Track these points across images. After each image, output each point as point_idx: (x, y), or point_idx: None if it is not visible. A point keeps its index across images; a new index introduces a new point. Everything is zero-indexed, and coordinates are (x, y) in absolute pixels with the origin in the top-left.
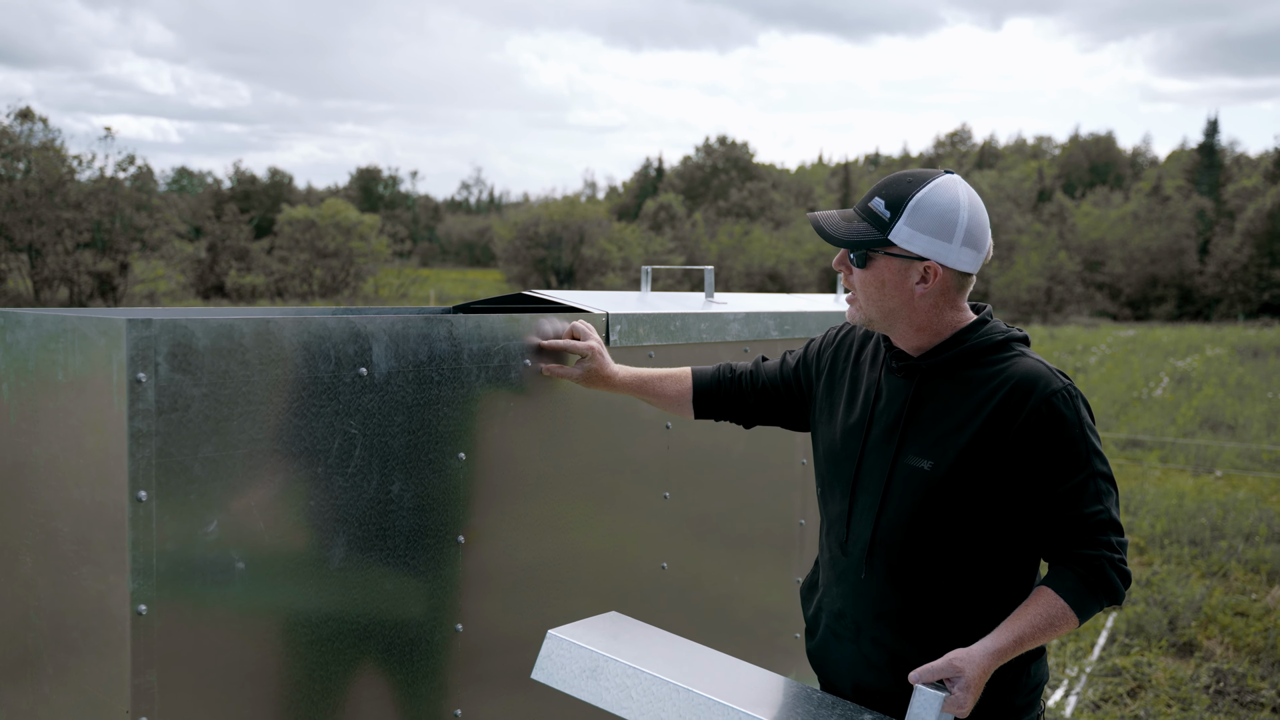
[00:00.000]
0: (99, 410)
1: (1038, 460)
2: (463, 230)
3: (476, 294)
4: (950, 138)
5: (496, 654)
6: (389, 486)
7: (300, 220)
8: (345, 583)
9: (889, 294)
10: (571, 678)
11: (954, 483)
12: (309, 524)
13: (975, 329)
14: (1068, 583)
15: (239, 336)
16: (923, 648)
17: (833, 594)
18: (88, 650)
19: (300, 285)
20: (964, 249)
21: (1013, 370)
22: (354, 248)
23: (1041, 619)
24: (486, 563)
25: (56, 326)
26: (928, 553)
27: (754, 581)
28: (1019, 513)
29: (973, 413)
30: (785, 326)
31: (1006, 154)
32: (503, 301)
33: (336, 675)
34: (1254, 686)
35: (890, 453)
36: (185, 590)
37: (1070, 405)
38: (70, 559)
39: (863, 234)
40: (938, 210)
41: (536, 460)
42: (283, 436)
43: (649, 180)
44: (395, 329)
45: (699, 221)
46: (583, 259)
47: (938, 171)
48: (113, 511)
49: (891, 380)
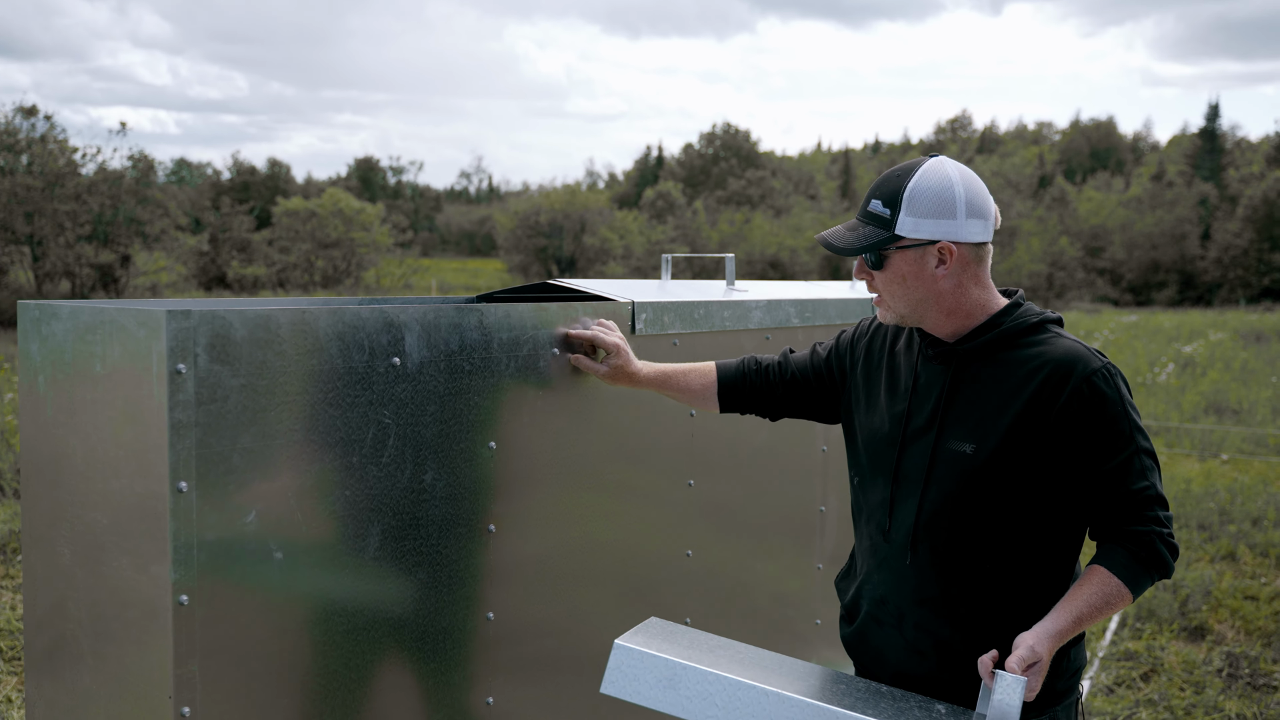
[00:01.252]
0: (138, 401)
1: (1081, 440)
2: (462, 220)
3: (478, 284)
4: (951, 124)
5: (526, 642)
6: (422, 476)
7: (301, 211)
8: (380, 572)
9: (912, 286)
10: (647, 689)
11: (997, 465)
12: (344, 514)
13: (1009, 312)
14: (1120, 559)
15: (275, 327)
16: (967, 632)
17: (874, 581)
18: (128, 641)
19: (302, 276)
20: (970, 220)
21: (1051, 351)
22: (355, 238)
23: (1098, 597)
24: (516, 551)
25: (94, 318)
26: (971, 537)
27: (775, 568)
28: (1064, 493)
29: (1013, 395)
30: (806, 314)
31: (1007, 140)
32: (527, 290)
33: (371, 664)
34: (1266, 670)
35: (931, 438)
36: (225, 580)
37: (1111, 383)
38: (109, 550)
39: (870, 237)
40: (933, 192)
41: (564, 449)
42: (318, 427)
43: (649, 169)
44: (427, 318)
45: (699, 210)
46: (584, 248)
47: (921, 159)
48: (153, 502)
49: (929, 368)
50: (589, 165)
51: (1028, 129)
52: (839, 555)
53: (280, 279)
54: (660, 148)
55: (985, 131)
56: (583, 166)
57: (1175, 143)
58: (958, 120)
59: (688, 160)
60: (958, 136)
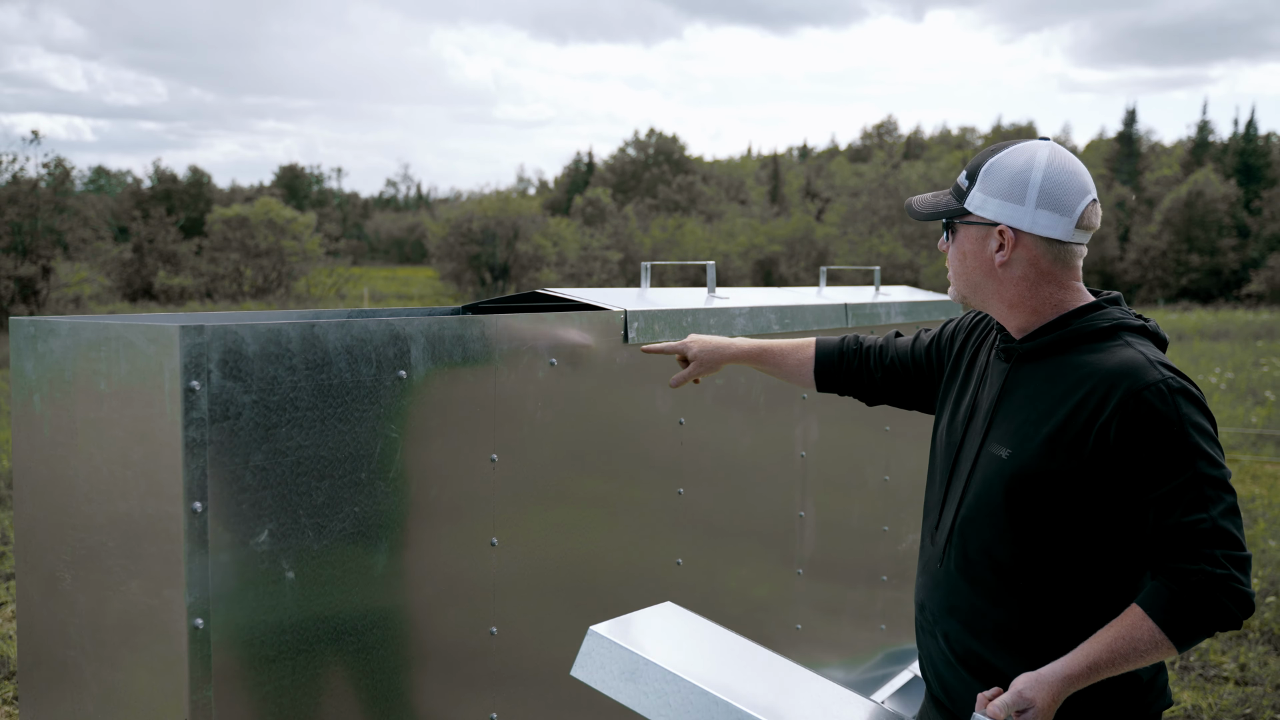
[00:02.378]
0: (148, 420)
1: (1128, 460)
2: (391, 227)
3: (410, 292)
4: (877, 129)
5: (528, 655)
6: (428, 490)
7: (232, 218)
8: (388, 589)
9: (970, 265)
10: (610, 679)
11: (1030, 474)
12: (354, 531)
13: (1084, 313)
14: (1160, 601)
15: (286, 341)
16: (992, 649)
17: (919, 583)
18: (138, 667)
19: (230, 286)
20: (1040, 210)
21: (1108, 360)
22: (286, 247)
23: (1123, 642)
24: (518, 564)
25: (98, 335)
26: (999, 548)
27: (758, 574)
28: (1107, 518)
29: (1057, 402)
30: (785, 320)
31: (932, 145)
32: (514, 300)
33: (380, 683)
34: (1216, 661)
35: (978, 440)
36: (239, 602)
37: (1167, 400)
38: (117, 574)
39: (943, 205)
40: (1009, 172)
41: (562, 459)
42: (328, 442)
43: (580, 175)
44: (432, 330)
45: (631, 215)
46: (518, 255)
47: (1031, 141)
48: (166, 523)
49: (996, 365)
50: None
51: (952, 134)
52: (817, 560)
53: (209, 289)
54: (590, 154)
55: (911, 137)
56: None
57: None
58: (884, 125)
59: (618, 166)
60: (884, 142)
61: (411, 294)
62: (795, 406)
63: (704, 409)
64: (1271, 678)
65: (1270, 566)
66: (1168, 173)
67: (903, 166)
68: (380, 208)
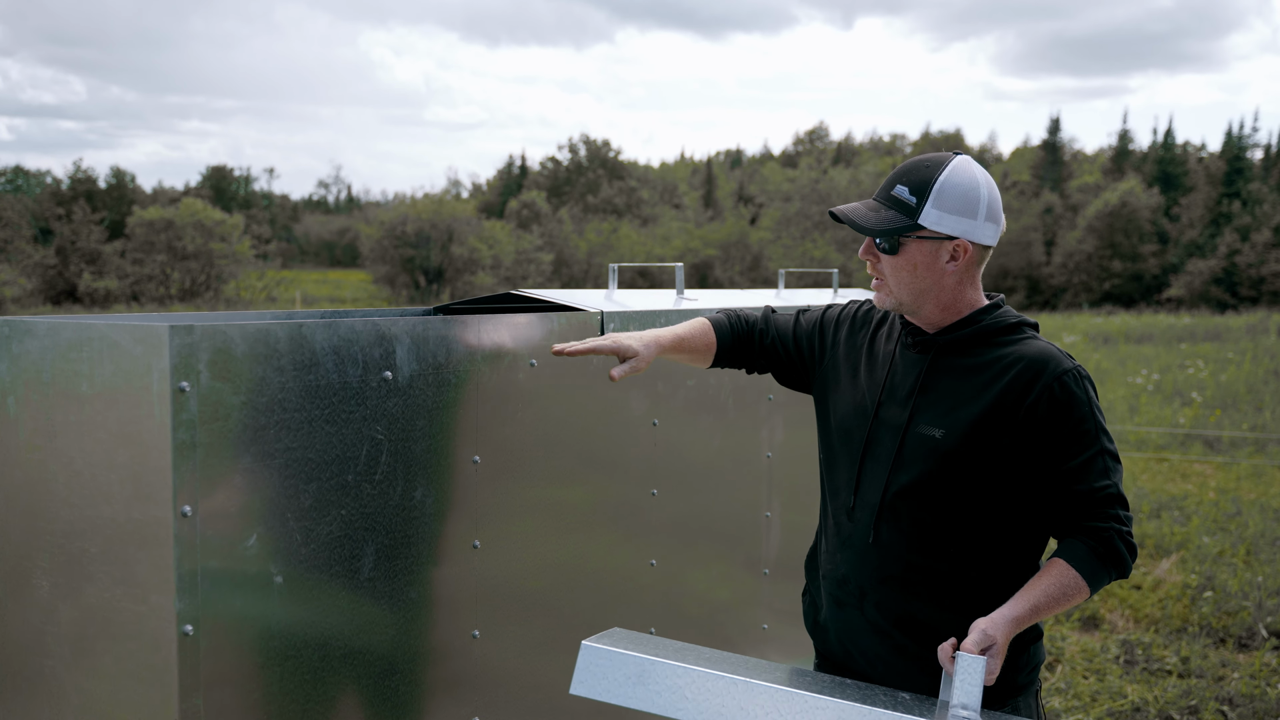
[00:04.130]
0: (135, 422)
1: (1049, 437)
2: (322, 230)
3: (343, 295)
4: (809, 135)
5: (509, 659)
6: (413, 492)
7: (158, 220)
8: (374, 593)
9: (921, 276)
10: (617, 686)
11: (963, 452)
12: (341, 534)
13: (990, 311)
14: (1080, 554)
15: (274, 342)
16: (926, 613)
17: (835, 560)
18: (122, 676)
19: (158, 289)
20: (987, 223)
21: (1025, 350)
22: (215, 249)
23: (1056, 589)
24: (500, 567)
25: (79, 335)
26: (933, 519)
27: (725, 574)
28: (1027, 486)
29: (984, 387)
30: None
31: (863, 151)
32: (487, 302)
33: (367, 687)
34: (1159, 655)
35: (902, 421)
36: (228, 608)
37: (1080, 385)
38: (100, 580)
39: (894, 221)
40: (961, 190)
41: (541, 461)
42: (315, 444)
43: (513, 178)
44: (416, 331)
45: (565, 219)
46: (452, 258)
47: (948, 154)
48: (153, 527)
49: (907, 355)
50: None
51: (882, 140)
52: (783, 560)
53: (134, 292)
54: (524, 157)
55: (842, 143)
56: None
57: (1018, 154)
58: (815, 131)
59: (552, 170)
60: (815, 148)
61: (345, 297)
62: (761, 408)
63: (676, 411)
64: (1213, 670)
65: (1207, 562)
66: (1090, 180)
67: (832, 172)
68: (310, 210)
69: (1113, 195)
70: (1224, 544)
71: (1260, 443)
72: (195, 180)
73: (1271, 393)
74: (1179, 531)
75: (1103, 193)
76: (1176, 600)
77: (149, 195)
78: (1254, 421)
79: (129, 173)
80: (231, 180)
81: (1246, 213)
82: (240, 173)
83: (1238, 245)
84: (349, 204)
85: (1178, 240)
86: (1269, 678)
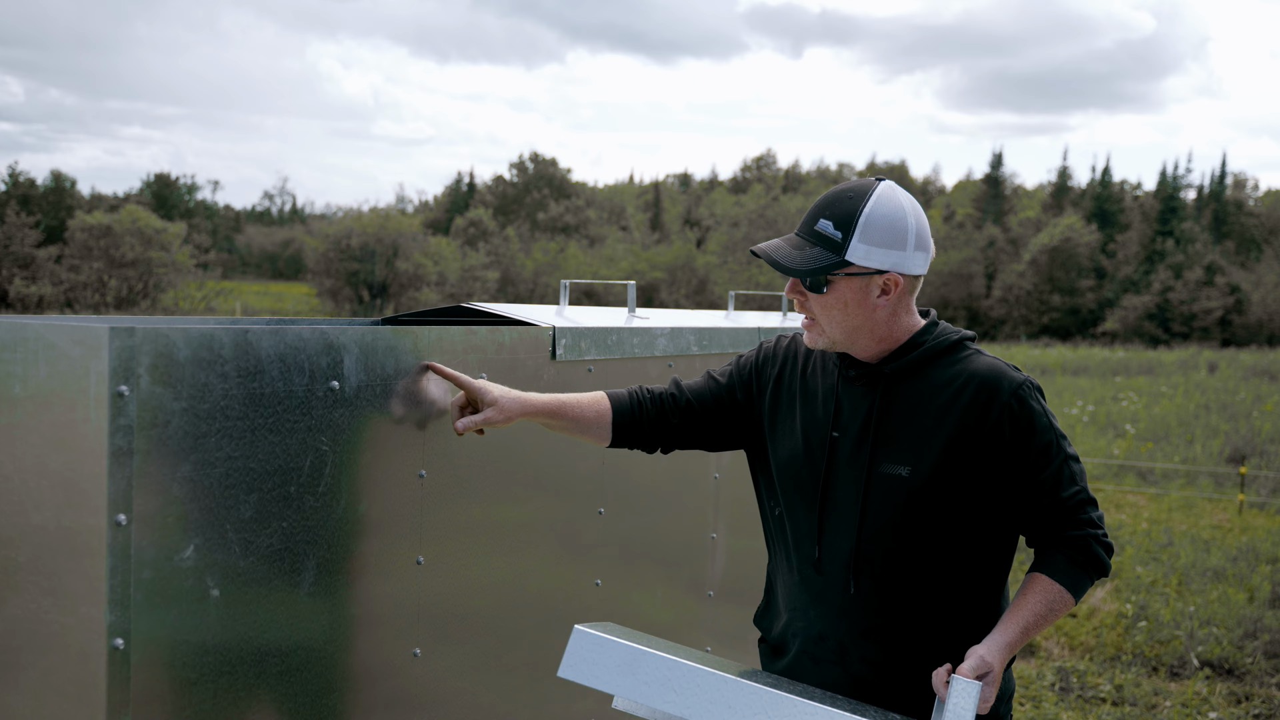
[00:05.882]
0: (69, 426)
1: (1015, 453)
2: (265, 241)
3: (284, 307)
4: (756, 161)
5: (450, 678)
6: (357, 506)
7: (96, 226)
8: (314, 609)
9: (852, 313)
10: (605, 674)
11: (935, 486)
12: (281, 547)
13: (929, 331)
14: (1060, 565)
15: (219, 347)
16: (913, 657)
17: (808, 617)
18: (48, 691)
19: (93, 296)
20: (917, 253)
21: (974, 368)
22: (154, 258)
23: (1042, 605)
24: (443, 585)
25: (13, 335)
26: (913, 561)
27: (671, 595)
28: (1000, 507)
29: (942, 413)
30: (704, 341)
31: (810, 179)
32: (434, 315)
33: (305, 706)
34: (1093, 683)
35: (863, 462)
36: (161, 622)
37: (1034, 396)
38: (27, 590)
39: (820, 259)
40: (888, 221)
41: (488, 477)
42: (258, 454)
43: (460, 195)
44: (365, 340)
45: (512, 237)
46: (397, 273)
47: (871, 181)
48: (86, 536)
49: (851, 389)
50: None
51: (829, 169)
52: (728, 583)
53: (68, 298)
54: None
55: (789, 170)
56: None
57: (960, 187)
58: (763, 158)
59: (499, 188)
60: (763, 175)
61: (286, 309)
62: None
63: None
64: (1145, 698)
65: (1140, 592)
66: (1030, 214)
67: (781, 199)
68: (253, 221)
69: (1054, 231)
70: (1156, 574)
71: (1191, 475)
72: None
73: (1202, 426)
74: (1113, 561)
75: (1044, 228)
76: (1111, 629)
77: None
78: (1185, 454)
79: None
80: (175, 189)
81: (1179, 251)
82: (185, 181)
83: (1171, 282)
84: (293, 215)
85: (1113, 276)
86: (1199, 706)
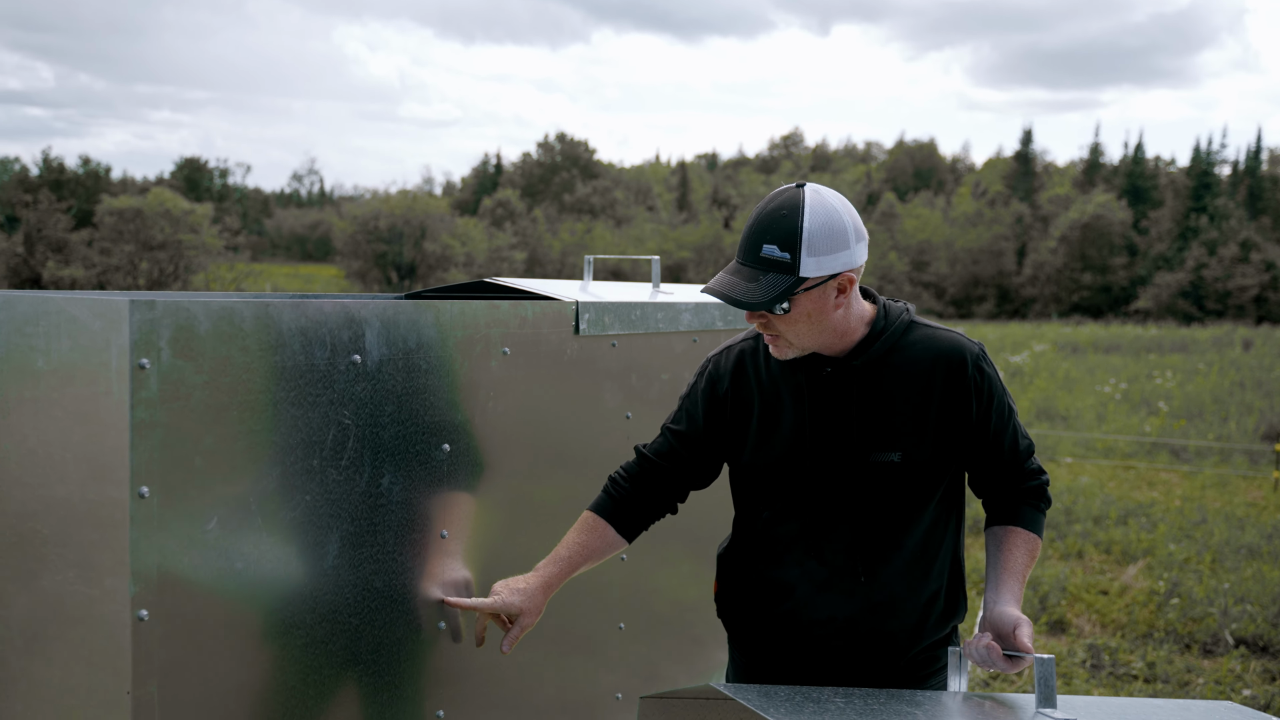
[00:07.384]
0: (92, 400)
1: (981, 418)
2: (294, 224)
3: (313, 289)
4: (785, 140)
5: (476, 652)
6: (379, 480)
7: (126, 209)
8: (338, 581)
9: (817, 321)
10: None
11: (923, 468)
12: (305, 520)
13: (884, 315)
14: (1029, 516)
15: (240, 320)
16: (914, 620)
17: (815, 604)
18: (75, 661)
19: (125, 279)
20: (859, 244)
21: (934, 345)
22: (184, 240)
23: (1028, 556)
24: (467, 559)
25: (35, 309)
26: (911, 538)
27: (695, 572)
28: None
29: (921, 397)
30: (728, 317)
31: (837, 158)
32: (458, 290)
33: (329, 678)
34: (1125, 660)
35: (852, 455)
36: (185, 593)
37: (987, 360)
38: (52, 563)
39: (777, 285)
40: (827, 227)
41: (512, 451)
42: (280, 427)
43: (488, 176)
44: (387, 314)
45: (539, 218)
46: (425, 254)
47: (795, 193)
48: (110, 509)
49: (823, 386)
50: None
51: (857, 148)
52: None
53: (101, 281)
54: (499, 156)
55: (817, 149)
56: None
57: (990, 165)
58: (790, 137)
59: (526, 169)
60: (792, 153)
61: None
62: None
63: (650, 404)
64: (1178, 676)
65: (1173, 569)
66: (1061, 191)
67: (810, 178)
68: (283, 204)
69: (1086, 208)
70: (1189, 551)
71: (1225, 452)
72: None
73: (1236, 404)
74: (1145, 538)
75: (1074, 205)
76: (1143, 606)
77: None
78: (1219, 432)
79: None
80: (205, 173)
81: (1213, 227)
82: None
83: (1205, 259)
84: (322, 198)
85: (1146, 253)
86: (1233, 684)
